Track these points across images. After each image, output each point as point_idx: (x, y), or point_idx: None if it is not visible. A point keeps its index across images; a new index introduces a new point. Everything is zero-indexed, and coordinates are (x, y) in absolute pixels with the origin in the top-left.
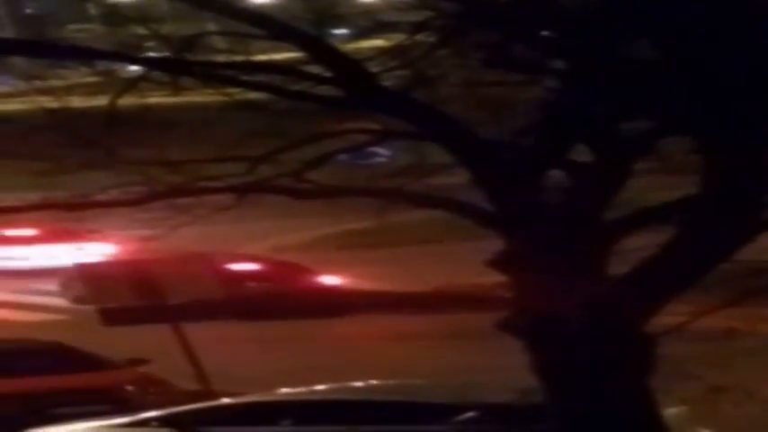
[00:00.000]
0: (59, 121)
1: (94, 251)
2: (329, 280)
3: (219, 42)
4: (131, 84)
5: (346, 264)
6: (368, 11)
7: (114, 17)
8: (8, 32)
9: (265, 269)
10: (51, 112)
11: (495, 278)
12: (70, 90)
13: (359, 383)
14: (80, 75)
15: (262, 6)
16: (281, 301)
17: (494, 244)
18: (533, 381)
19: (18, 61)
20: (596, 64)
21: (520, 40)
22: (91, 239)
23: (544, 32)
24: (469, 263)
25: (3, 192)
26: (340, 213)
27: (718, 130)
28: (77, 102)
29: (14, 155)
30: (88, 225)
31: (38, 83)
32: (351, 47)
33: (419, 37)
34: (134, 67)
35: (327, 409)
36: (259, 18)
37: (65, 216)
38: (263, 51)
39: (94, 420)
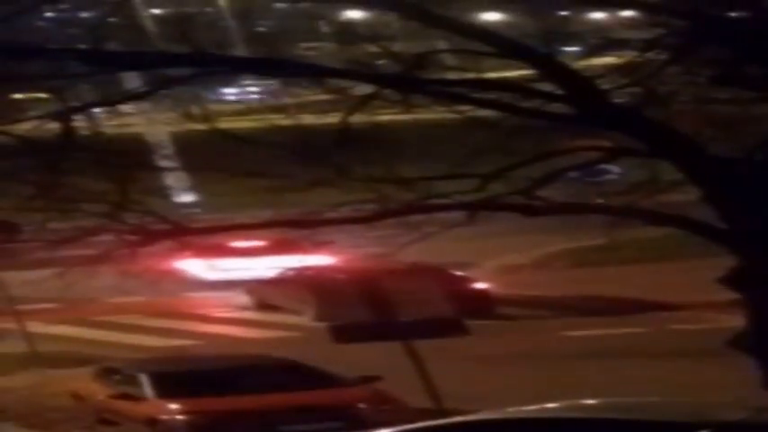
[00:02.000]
0: (291, 139)
1: (317, 262)
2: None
3: (450, 60)
4: (363, 101)
5: (579, 281)
6: (598, 28)
7: (346, 35)
8: (240, 50)
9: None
10: (282, 129)
11: (727, 296)
12: (302, 108)
13: (591, 401)
14: (312, 93)
15: (492, 24)
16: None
17: (727, 261)
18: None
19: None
20: None
21: (752, 57)
22: (314, 252)
23: None
24: (703, 280)
25: (235, 209)
26: (570, 231)
27: None
28: (309, 119)
29: (247, 172)
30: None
31: (271, 101)
32: (581, 64)
33: (650, 54)
34: (366, 85)
35: (562, 428)
36: (490, 35)
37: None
38: (494, 69)
39: None
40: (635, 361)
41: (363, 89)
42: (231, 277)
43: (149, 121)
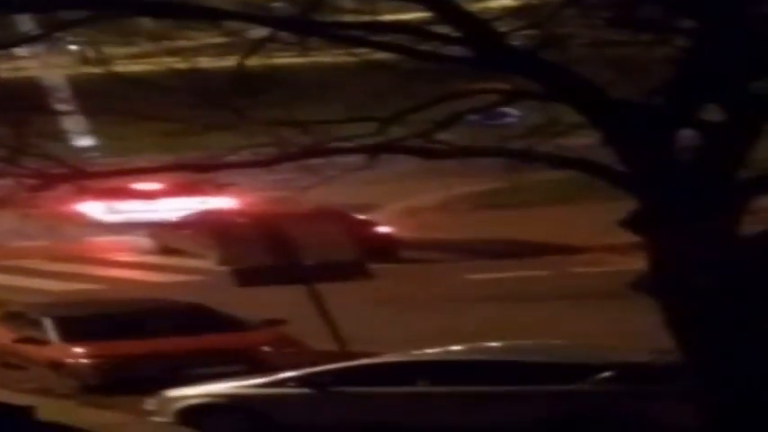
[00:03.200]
0: (187, 83)
1: (218, 205)
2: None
3: (346, 2)
4: (259, 44)
5: (482, 224)
6: None
7: None
8: None
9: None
10: (179, 73)
11: (628, 238)
12: (198, 51)
13: (495, 344)
14: (208, 36)
15: None
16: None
17: (627, 205)
18: (668, 340)
19: (146, 22)
20: (726, 21)
21: None
22: (215, 195)
23: None
24: (604, 223)
25: (134, 153)
26: (472, 174)
27: None
28: (205, 63)
29: (145, 116)
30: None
31: (166, 44)
32: (478, 6)
33: None
34: (262, 28)
35: (465, 370)
36: None
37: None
38: (390, 11)
39: (232, 381)
40: (538, 304)
41: (260, 32)
42: (131, 219)
43: (45, 65)
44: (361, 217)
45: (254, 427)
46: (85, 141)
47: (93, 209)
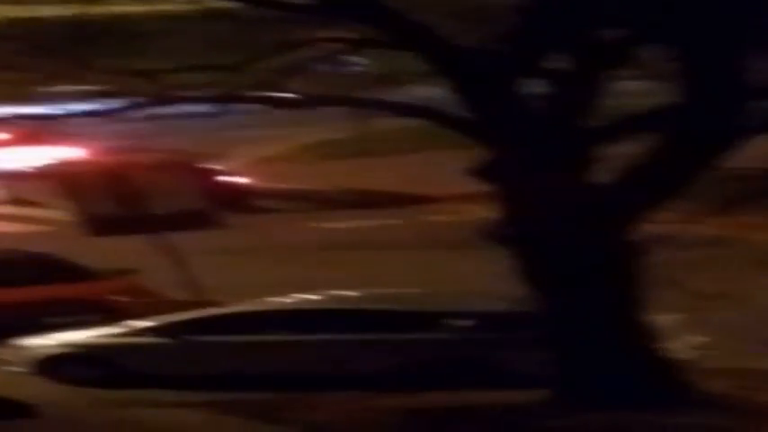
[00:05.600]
0: (29, 33)
1: (68, 155)
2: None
3: None
4: None
5: (332, 174)
6: None
7: None
8: None
9: None
10: (20, 22)
11: (479, 187)
12: (39, 0)
13: (352, 292)
14: None
15: None
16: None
17: (478, 153)
18: (520, 289)
19: None
20: None
21: None
22: (62, 144)
23: None
24: (454, 171)
25: None
26: (321, 123)
27: (693, 35)
28: (46, 12)
29: None
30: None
31: None
32: None
33: None
34: None
35: (321, 318)
36: None
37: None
38: None
39: (86, 330)
40: (391, 253)
41: None
42: None
43: None
44: (210, 167)
45: (109, 376)
46: None
47: None
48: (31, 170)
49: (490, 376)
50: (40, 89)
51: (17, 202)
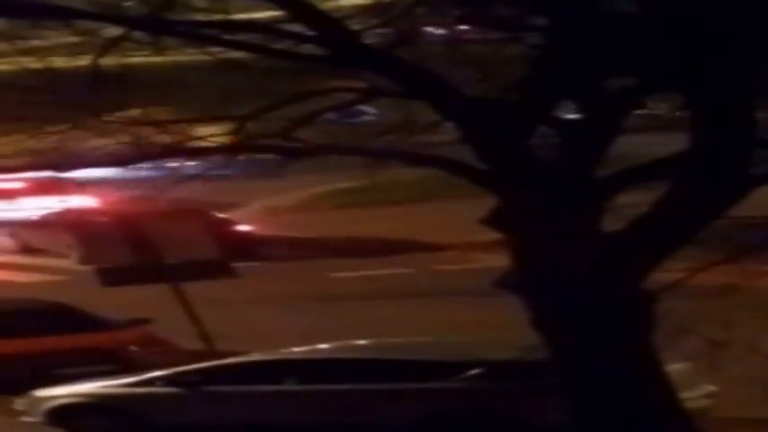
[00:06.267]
0: (43, 82)
1: (79, 203)
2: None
3: (199, 1)
4: (112, 44)
5: (344, 222)
6: None
7: None
8: None
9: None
10: (35, 72)
11: (490, 236)
12: (52, 51)
13: (363, 342)
14: (61, 35)
15: None
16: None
17: (489, 202)
18: (534, 337)
19: None
20: (578, 20)
21: None
22: (76, 193)
23: None
24: (466, 220)
25: None
26: (332, 172)
27: (703, 86)
28: (60, 62)
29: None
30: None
31: (19, 43)
32: (331, 4)
33: None
34: (115, 27)
35: (333, 368)
36: None
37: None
38: (244, 10)
39: (99, 381)
40: (402, 302)
41: (114, 31)
42: None
43: None
44: (223, 216)
45: (123, 427)
46: None
47: None
48: (44, 219)
49: (505, 426)
50: (56, 139)
51: (30, 251)
